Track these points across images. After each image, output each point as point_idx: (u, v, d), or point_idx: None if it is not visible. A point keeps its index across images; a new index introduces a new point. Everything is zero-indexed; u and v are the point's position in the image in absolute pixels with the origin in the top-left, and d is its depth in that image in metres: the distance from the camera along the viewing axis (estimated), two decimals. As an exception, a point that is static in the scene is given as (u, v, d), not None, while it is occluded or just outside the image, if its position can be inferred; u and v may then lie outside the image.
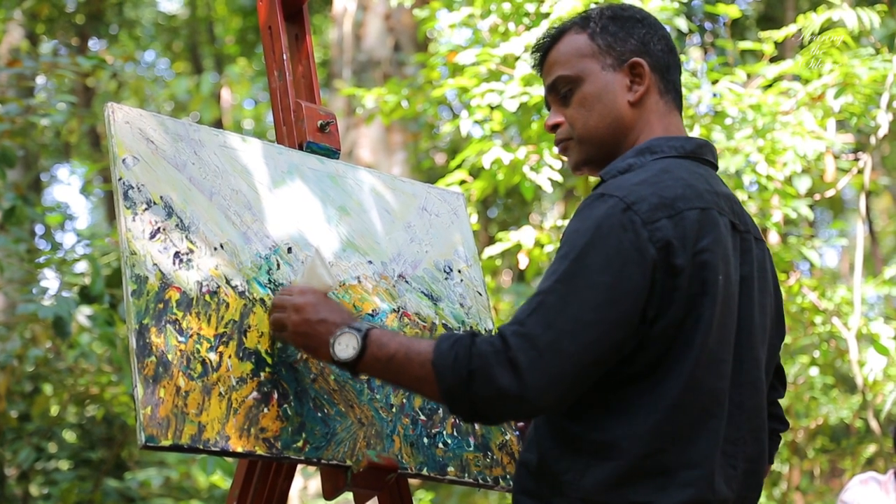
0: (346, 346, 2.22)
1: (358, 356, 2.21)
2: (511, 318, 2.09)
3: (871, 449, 6.96)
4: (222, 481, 6.25)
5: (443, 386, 2.09)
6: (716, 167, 2.36)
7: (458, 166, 5.62)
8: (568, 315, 2.04)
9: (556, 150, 2.49)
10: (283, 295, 2.39)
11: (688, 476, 2.09)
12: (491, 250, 5.59)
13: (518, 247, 5.62)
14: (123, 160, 2.42)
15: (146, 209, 2.40)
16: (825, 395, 6.55)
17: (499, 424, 2.62)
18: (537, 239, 5.58)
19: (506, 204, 10.93)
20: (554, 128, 2.39)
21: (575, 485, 2.10)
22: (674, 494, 2.08)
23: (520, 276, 10.17)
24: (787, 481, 7.05)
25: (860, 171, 5.97)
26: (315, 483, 7.82)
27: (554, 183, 5.57)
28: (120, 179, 2.40)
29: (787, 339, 5.93)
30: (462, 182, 5.55)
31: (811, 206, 5.94)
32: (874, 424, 6.05)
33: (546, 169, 5.29)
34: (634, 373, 2.11)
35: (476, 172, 5.65)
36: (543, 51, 2.41)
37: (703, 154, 2.32)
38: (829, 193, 6.03)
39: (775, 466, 6.40)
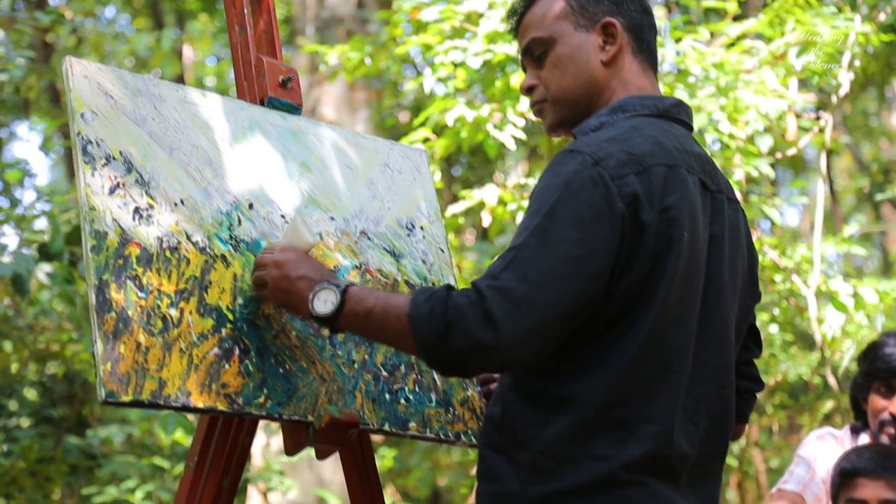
0: (324, 302, 2.24)
1: (336, 311, 2.23)
2: (485, 272, 2.11)
3: (828, 405, 7.03)
4: (184, 439, 6.25)
5: (419, 339, 2.10)
6: (690, 127, 2.37)
7: (422, 124, 5.61)
8: (542, 268, 2.06)
9: (530, 111, 2.50)
10: (264, 253, 2.41)
11: (647, 430, 2.11)
12: (454, 208, 5.59)
13: (481, 205, 5.62)
14: (82, 115, 2.40)
15: (105, 164, 2.38)
16: (784, 352, 6.61)
17: (474, 376, 2.65)
18: (500, 197, 5.57)
19: (469, 162, 10.92)
20: (529, 90, 2.41)
21: (536, 438, 2.12)
22: (632, 448, 2.10)
23: (483, 235, 10.17)
24: (745, 437, 7.12)
25: (821, 130, 5.99)
26: (278, 440, 7.83)
27: (517, 141, 5.57)
28: (78, 134, 2.38)
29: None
30: (425, 140, 5.54)
31: (772, 165, 5.97)
32: (832, 381, 6.11)
33: (510, 127, 5.29)
34: (598, 327, 2.13)
35: (439, 130, 5.63)
36: (518, 14, 2.43)
37: (676, 114, 2.33)
38: (791, 152, 6.06)
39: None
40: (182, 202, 2.46)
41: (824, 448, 3.57)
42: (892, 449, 3.13)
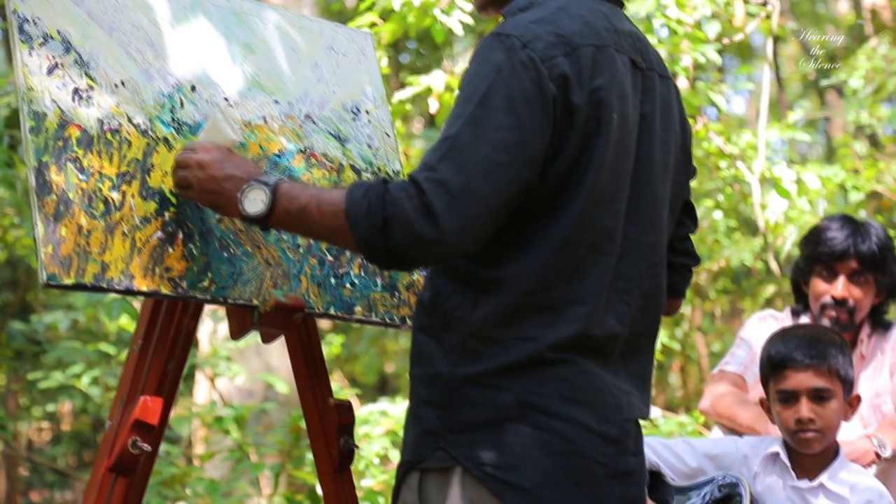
0: (254, 201, 2.20)
1: (268, 210, 2.19)
2: (420, 164, 2.08)
3: (770, 289, 7.13)
4: (130, 325, 6.24)
5: (357, 234, 2.08)
6: (621, 4, 2.34)
7: (368, 9, 5.53)
8: (478, 158, 2.05)
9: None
10: (186, 153, 2.34)
11: (575, 312, 2.13)
12: (401, 94, 5.55)
13: (428, 91, 5.58)
14: (17, -9, 2.34)
15: (43, 44, 2.33)
16: (728, 238, 6.67)
17: (415, 269, 2.64)
18: (448, 83, 5.54)
19: (417, 50, 10.83)
20: None
21: (464, 320, 2.13)
22: (560, 329, 2.12)
23: (430, 122, 10.13)
24: (688, 322, 7.22)
25: (768, 16, 5.98)
26: (225, 327, 7.85)
27: (465, 26, 5.51)
28: (14, 12, 2.32)
29: (693, 184, 6.01)
30: (372, 25, 5.46)
31: (720, 52, 5.96)
32: (774, 266, 6.20)
33: (457, 12, 5.23)
34: (528, 211, 2.13)
35: (386, 15, 5.56)
36: None
37: None
38: (738, 38, 6.05)
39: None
40: (123, 83, 2.42)
41: (766, 330, 3.61)
42: (818, 332, 3.16)
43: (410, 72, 10.34)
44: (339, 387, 8.01)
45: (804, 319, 3.71)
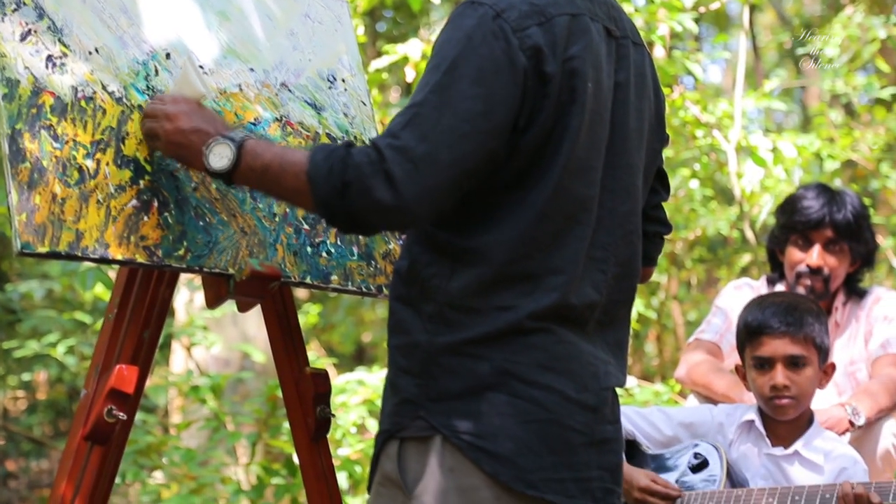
0: (219, 156, 2.20)
1: (232, 166, 2.19)
2: (385, 130, 2.09)
3: (746, 258, 7.14)
4: (105, 294, 6.22)
5: (317, 197, 2.09)
6: None
7: (344, -25, 5.49)
8: (442, 127, 2.05)
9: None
10: (154, 103, 2.35)
11: (552, 281, 2.13)
12: (377, 63, 5.53)
13: (405, 60, 5.56)
14: (-12, -44, 2.32)
15: (15, 10, 2.31)
16: (704, 207, 6.68)
17: (374, 235, 2.64)
18: (424, 52, 5.52)
19: (394, 18, 10.78)
20: None
21: (441, 289, 2.13)
22: (539, 299, 2.12)
23: (407, 91, 10.09)
24: (665, 291, 7.23)
25: (745, -15, 5.98)
26: (202, 296, 7.83)
27: (441, -7, 5.49)
28: (-14, -22, 2.30)
29: (669, 153, 6.02)
30: (348, -8, 5.44)
31: (696, 20, 5.95)
32: (750, 235, 6.22)
33: (433, -21, 5.22)
34: (504, 182, 2.13)
35: (362, -18, 5.54)
36: None
37: None
38: (714, 6, 6.05)
39: (654, 277, 6.56)
40: (97, 51, 2.40)
41: (742, 298, 3.63)
42: (795, 300, 3.18)
43: (387, 40, 10.29)
44: (316, 356, 8.01)
45: (780, 288, 3.73)
